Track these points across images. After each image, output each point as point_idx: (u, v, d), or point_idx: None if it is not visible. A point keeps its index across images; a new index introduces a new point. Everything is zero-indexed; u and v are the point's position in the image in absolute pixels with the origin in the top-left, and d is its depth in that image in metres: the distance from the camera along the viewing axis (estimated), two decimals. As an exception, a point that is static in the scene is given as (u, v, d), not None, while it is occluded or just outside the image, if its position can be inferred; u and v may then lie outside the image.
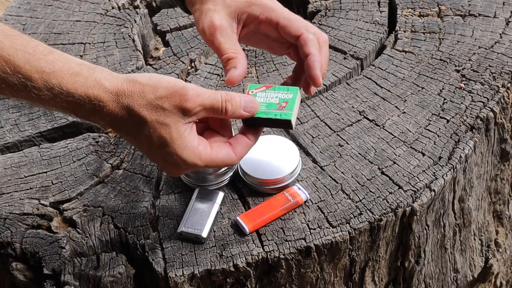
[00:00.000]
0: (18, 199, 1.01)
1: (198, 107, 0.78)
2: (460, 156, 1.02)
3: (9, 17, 1.37)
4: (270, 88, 0.87)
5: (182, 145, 0.78)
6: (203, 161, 0.80)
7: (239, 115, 0.81)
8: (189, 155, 0.78)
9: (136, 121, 0.77)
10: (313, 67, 0.85)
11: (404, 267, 1.04)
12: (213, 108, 0.79)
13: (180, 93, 0.77)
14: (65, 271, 0.92)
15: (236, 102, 0.80)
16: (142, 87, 0.77)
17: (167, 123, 0.77)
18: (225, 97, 0.79)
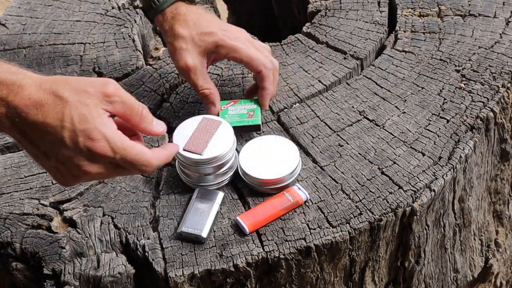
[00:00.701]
0: (18, 199, 1.01)
1: (117, 96, 0.80)
2: (460, 156, 1.02)
3: (9, 17, 1.37)
4: (237, 102, 1.08)
5: (102, 122, 0.79)
6: (121, 143, 0.80)
7: (149, 126, 0.84)
8: (109, 132, 0.79)
9: (57, 102, 0.78)
10: (264, 99, 1.06)
11: (404, 267, 1.04)
12: (131, 107, 0.82)
13: (102, 82, 0.80)
14: (65, 271, 0.92)
15: (151, 116, 0.84)
16: (66, 78, 0.81)
17: (88, 103, 0.79)
18: (143, 106, 0.83)
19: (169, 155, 0.87)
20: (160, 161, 0.85)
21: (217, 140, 0.98)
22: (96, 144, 0.78)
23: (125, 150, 0.80)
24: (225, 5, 2.09)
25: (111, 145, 0.79)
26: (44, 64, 1.25)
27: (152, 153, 0.83)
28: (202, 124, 1.00)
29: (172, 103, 1.14)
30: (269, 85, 1.05)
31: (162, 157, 0.85)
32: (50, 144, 0.79)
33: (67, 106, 0.78)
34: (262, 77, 1.04)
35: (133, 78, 1.20)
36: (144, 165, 0.82)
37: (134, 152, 0.81)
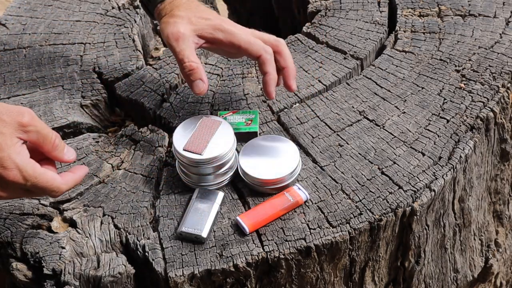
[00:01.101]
0: (18, 199, 1.01)
1: (32, 126, 0.85)
2: (460, 156, 1.02)
3: (9, 17, 1.37)
4: (236, 112, 1.09)
5: (16, 151, 0.83)
6: (33, 171, 0.84)
7: (61, 154, 0.89)
8: (21, 161, 0.83)
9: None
10: (268, 84, 0.99)
11: (404, 267, 1.04)
12: (44, 136, 0.86)
13: (19, 111, 0.84)
14: (65, 271, 0.92)
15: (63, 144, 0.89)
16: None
17: (3, 132, 0.83)
18: (56, 135, 0.88)
19: (78, 179, 0.92)
20: (69, 186, 0.90)
21: (217, 140, 0.98)
22: (9, 173, 0.83)
23: (36, 178, 0.85)
24: (225, 5, 2.09)
25: (23, 173, 0.84)
26: (44, 64, 1.25)
27: (62, 179, 0.88)
28: (202, 124, 1.00)
29: (172, 103, 1.14)
30: (272, 70, 1.00)
31: (70, 182, 0.90)
32: None
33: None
34: (263, 61, 0.99)
35: (133, 78, 1.20)
36: (54, 191, 0.87)
37: (44, 180, 0.85)
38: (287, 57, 1.02)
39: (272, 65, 1.00)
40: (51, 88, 1.19)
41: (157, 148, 1.07)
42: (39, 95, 1.18)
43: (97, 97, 1.17)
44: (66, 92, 1.18)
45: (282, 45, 1.02)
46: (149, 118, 1.14)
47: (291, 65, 1.02)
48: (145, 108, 1.15)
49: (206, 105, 1.13)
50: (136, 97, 1.16)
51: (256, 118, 1.07)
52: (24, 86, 1.20)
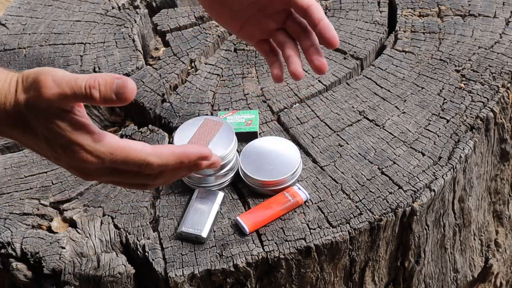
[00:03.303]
0: (18, 199, 1.01)
1: (57, 94, 0.71)
2: (460, 156, 1.02)
3: (9, 17, 1.37)
4: (236, 112, 1.08)
5: (73, 132, 0.73)
6: (104, 147, 0.74)
7: (110, 102, 0.72)
8: (84, 139, 0.73)
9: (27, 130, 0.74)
10: (329, 28, 0.89)
11: (404, 267, 1.04)
12: (75, 95, 0.71)
13: (36, 84, 0.72)
14: (65, 271, 0.92)
15: (104, 88, 0.72)
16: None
17: (46, 118, 0.73)
18: (90, 83, 0.71)
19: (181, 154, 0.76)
20: (163, 160, 0.75)
21: (218, 141, 0.98)
22: (78, 156, 0.73)
23: (111, 154, 0.74)
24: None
25: (93, 153, 0.73)
26: (44, 64, 1.24)
27: (152, 150, 0.75)
28: (204, 125, 1.00)
29: (172, 103, 1.14)
30: (325, 17, 0.91)
31: (166, 155, 0.75)
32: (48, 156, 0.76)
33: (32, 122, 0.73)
34: (316, 9, 0.90)
35: (133, 78, 1.20)
36: (142, 165, 0.74)
37: (123, 153, 0.74)
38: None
39: (324, 14, 0.91)
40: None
41: (157, 148, 1.07)
42: (39, 95, 1.18)
43: (97, 97, 1.17)
44: (66, 92, 1.18)
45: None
46: (149, 118, 1.15)
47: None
48: (145, 108, 1.15)
49: (206, 105, 1.13)
50: (136, 97, 1.16)
51: (256, 118, 1.07)
52: (24, 86, 1.20)
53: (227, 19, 0.99)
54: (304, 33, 0.94)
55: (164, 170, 0.77)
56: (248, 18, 0.96)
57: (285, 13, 0.95)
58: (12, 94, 0.73)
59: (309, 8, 0.91)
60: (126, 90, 0.71)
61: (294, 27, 0.95)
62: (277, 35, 0.96)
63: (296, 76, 0.92)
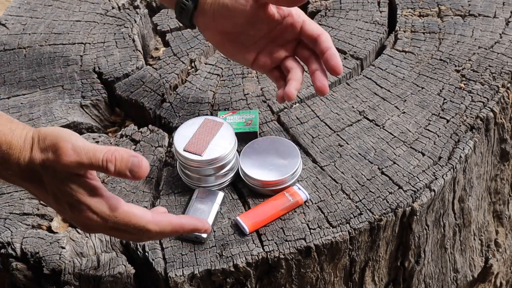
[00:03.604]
0: (18, 199, 1.01)
1: (74, 163, 0.76)
2: (460, 156, 1.02)
3: (9, 17, 1.37)
4: (236, 112, 1.08)
5: (82, 193, 0.78)
6: (109, 210, 0.78)
7: (124, 176, 0.77)
8: (94, 202, 0.78)
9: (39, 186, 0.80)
10: (336, 56, 0.95)
11: (404, 267, 1.04)
12: (92, 166, 0.76)
13: (56, 150, 0.76)
14: (65, 271, 0.92)
15: (120, 164, 0.77)
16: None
17: (60, 180, 0.78)
18: (107, 157, 0.76)
19: (177, 225, 0.82)
20: (161, 227, 0.81)
21: (218, 141, 0.98)
22: (84, 215, 0.78)
23: (116, 217, 0.79)
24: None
25: (98, 214, 0.78)
26: (44, 64, 1.25)
27: (152, 218, 0.80)
28: (204, 125, 1.00)
29: (172, 103, 1.14)
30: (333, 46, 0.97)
31: (163, 224, 0.81)
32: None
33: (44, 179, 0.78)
34: (326, 38, 0.96)
35: (133, 78, 1.20)
36: (140, 230, 0.80)
37: (126, 218, 0.79)
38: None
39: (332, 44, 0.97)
40: (51, 88, 1.19)
41: (157, 148, 1.07)
42: (39, 95, 1.18)
43: (97, 97, 1.17)
44: (66, 92, 1.18)
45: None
46: (149, 118, 1.15)
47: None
48: (145, 108, 1.15)
49: (206, 105, 1.13)
50: (136, 97, 1.16)
51: (256, 118, 1.07)
52: (24, 86, 1.20)
53: (239, 54, 1.02)
54: (312, 58, 0.99)
55: (159, 234, 0.83)
56: (261, 50, 1.00)
57: (295, 42, 1.00)
58: (27, 151, 0.77)
59: (319, 37, 0.96)
60: (140, 170, 0.77)
61: (304, 53, 1.00)
62: (286, 62, 1.01)
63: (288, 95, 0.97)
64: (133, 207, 0.81)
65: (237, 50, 1.01)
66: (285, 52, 1.00)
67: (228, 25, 0.97)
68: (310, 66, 0.99)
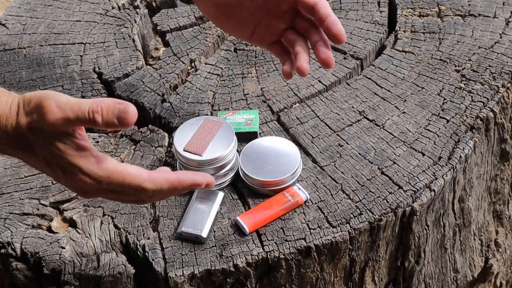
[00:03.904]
0: (18, 199, 1.01)
1: (60, 120, 0.74)
2: (460, 156, 1.02)
3: (9, 17, 1.37)
4: (236, 112, 1.08)
5: (73, 153, 0.76)
6: (101, 171, 0.77)
7: (113, 126, 0.75)
8: (85, 163, 0.76)
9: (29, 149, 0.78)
10: (336, 22, 0.90)
11: (404, 267, 1.04)
12: (79, 120, 0.74)
13: (40, 109, 0.75)
14: (65, 271, 0.92)
15: (107, 113, 0.74)
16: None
17: (48, 140, 0.76)
18: (93, 108, 0.74)
19: (175, 181, 0.80)
20: (157, 185, 0.79)
21: (218, 141, 0.98)
22: (77, 177, 0.77)
23: (108, 177, 0.77)
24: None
25: (91, 176, 0.76)
26: (44, 64, 1.25)
27: (148, 176, 0.78)
28: (204, 125, 1.00)
29: (172, 103, 1.14)
30: (332, 13, 0.92)
31: (160, 181, 0.79)
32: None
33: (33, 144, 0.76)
34: (323, 4, 0.91)
35: (133, 78, 1.20)
36: (136, 190, 0.78)
37: (120, 177, 0.77)
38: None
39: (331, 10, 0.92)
40: (51, 88, 1.19)
41: (157, 148, 1.07)
42: (39, 95, 1.18)
43: (97, 97, 1.17)
44: (66, 92, 1.18)
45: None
46: (149, 118, 1.15)
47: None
48: (145, 108, 1.15)
49: (206, 105, 1.13)
50: (136, 97, 1.16)
51: (256, 118, 1.07)
52: (24, 86, 1.20)
53: (236, 28, 1.00)
54: (312, 29, 0.95)
55: (158, 194, 0.81)
56: (258, 23, 0.97)
57: (292, 12, 0.96)
58: (14, 117, 0.76)
59: (316, 5, 0.92)
60: (127, 115, 0.74)
61: (303, 24, 0.96)
62: (287, 35, 0.97)
63: (301, 70, 0.92)
64: (127, 166, 0.78)
65: (233, 24, 0.99)
66: (283, 24, 0.96)
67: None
68: (311, 37, 0.95)
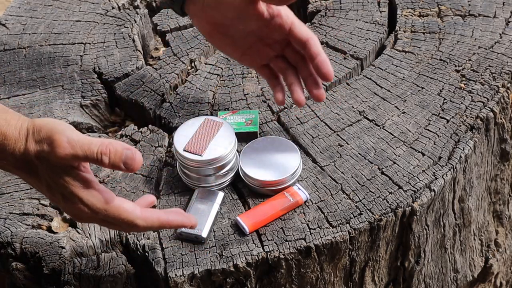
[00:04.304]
0: (18, 199, 1.01)
1: (69, 155, 0.77)
2: (460, 156, 1.02)
3: (9, 17, 1.37)
4: (236, 112, 1.08)
5: (75, 185, 0.79)
6: (100, 204, 0.80)
7: (118, 169, 0.79)
8: (86, 194, 0.80)
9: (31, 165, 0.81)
10: (327, 63, 0.96)
11: (404, 267, 1.05)
12: (87, 158, 0.78)
13: (51, 142, 0.78)
14: (65, 271, 0.92)
15: (114, 156, 0.79)
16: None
17: (54, 170, 0.79)
18: (102, 150, 0.78)
19: (164, 221, 0.84)
20: (148, 224, 0.83)
21: (218, 141, 0.98)
22: (76, 206, 0.80)
23: (106, 210, 0.80)
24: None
25: (90, 207, 0.80)
26: (44, 64, 1.25)
27: (141, 213, 0.82)
28: (204, 125, 1.00)
29: (172, 103, 1.14)
30: (323, 51, 0.97)
31: (150, 220, 0.83)
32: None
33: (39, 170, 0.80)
34: (314, 42, 0.96)
35: (133, 78, 1.20)
36: (129, 225, 0.82)
37: (116, 212, 0.81)
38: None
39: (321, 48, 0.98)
40: (51, 88, 1.19)
41: (157, 148, 1.07)
42: (39, 95, 1.18)
43: (97, 97, 1.17)
44: (66, 92, 1.18)
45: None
46: (149, 118, 1.15)
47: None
48: (145, 108, 1.15)
49: (206, 105, 1.13)
50: (136, 97, 1.16)
51: (256, 118, 1.07)
52: (24, 86, 1.20)
53: (227, 47, 1.03)
54: (302, 62, 0.99)
55: (146, 229, 0.85)
56: (248, 46, 1.01)
57: (284, 42, 0.99)
58: (23, 142, 0.79)
59: (307, 41, 0.96)
60: (133, 162, 0.79)
61: (293, 56, 1.00)
62: (277, 62, 1.01)
63: (300, 104, 0.99)
64: (124, 202, 0.82)
65: (225, 43, 1.02)
66: (273, 52, 1.01)
67: (217, 16, 0.98)
68: (301, 71, 1.00)
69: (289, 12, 0.98)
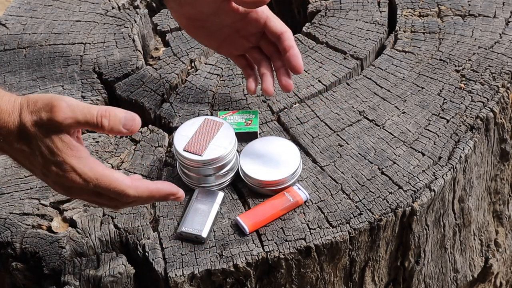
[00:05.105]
0: (18, 199, 1.01)
1: (68, 118, 0.79)
2: (460, 156, 1.02)
3: (9, 17, 1.37)
4: (236, 112, 1.09)
5: (70, 153, 0.80)
6: (92, 173, 0.80)
7: (118, 131, 0.81)
8: (79, 163, 0.80)
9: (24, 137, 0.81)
10: (296, 57, 1.01)
11: (404, 267, 1.05)
12: (87, 122, 0.80)
13: (49, 107, 0.79)
14: (65, 271, 0.92)
15: (114, 119, 0.81)
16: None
17: (50, 135, 0.80)
18: (102, 113, 0.80)
19: (154, 190, 0.84)
20: (139, 192, 0.83)
21: (218, 141, 0.98)
22: (67, 175, 0.80)
23: (97, 179, 0.81)
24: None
25: (81, 176, 0.80)
26: (44, 64, 1.25)
27: (131, 182, 0.82)
28: (204, 125, 1.00)
29: (172, 103, 1.14)
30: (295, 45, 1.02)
31: (141, 189, 0.83)
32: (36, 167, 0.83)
33: (34, 139, 0.80)
34: (288, 36, 1.02)
35: (133, 78, 1.20)
36: (119, 194, 0.82)
37: (107, 181, 0.81)
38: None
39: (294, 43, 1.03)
40: (51, 88, 1.19)
41: (157, 148, 1.07)
42: (39, 95, 1.18)
43: (97, 97, 1.17)
44: (66, 92, 1.18)
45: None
46: (149, 118, 1.15)
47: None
48: (145, 108, 1.15)
49: (206, 105, 1.13)
50: (136, 97, 1.16)
51: (256, 118, 1.07)
52: (24, 86, 1.20)
53: (204, 39, 1.10)
54: (276, 54, 1.05)
55: (136, 200, 0.85)
56: (225, 38, 1.06)
57: (259, 34, 1.05)
58: (16, 115, 0.80)
59: (281, 35, 1.02)
60: (133, 123, 0.81)
61: (267, 48, 1.06)
62: (253, 52, 1.07)
63: (267, 93, 1.04)
64: (113, 171, 0.83)
65: (202, 35, 1.08)
66: (249, 43, 1.06)
67: (193, 12, 1.03)
68: (274, 62, 1.05)
69: (264, 7, 1.02)
